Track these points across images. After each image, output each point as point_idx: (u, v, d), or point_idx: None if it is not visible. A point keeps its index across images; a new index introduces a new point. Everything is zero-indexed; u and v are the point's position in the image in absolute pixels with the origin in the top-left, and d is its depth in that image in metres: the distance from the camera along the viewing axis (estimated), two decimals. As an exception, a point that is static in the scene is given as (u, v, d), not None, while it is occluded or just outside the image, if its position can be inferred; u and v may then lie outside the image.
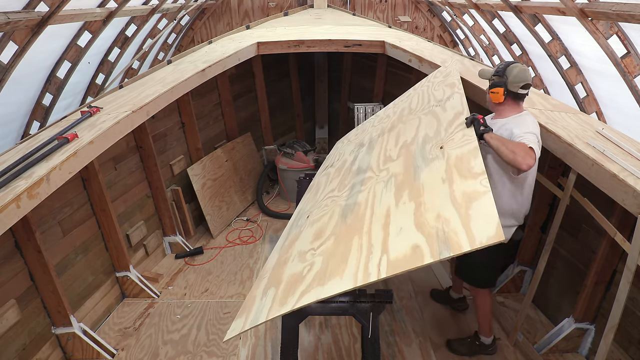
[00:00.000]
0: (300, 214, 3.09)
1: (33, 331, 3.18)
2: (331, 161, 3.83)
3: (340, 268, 2.03)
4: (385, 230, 2.11)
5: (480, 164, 2.17)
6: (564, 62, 6.24)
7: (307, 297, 1.98)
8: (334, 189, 3.01)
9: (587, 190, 3.12)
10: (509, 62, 2.98)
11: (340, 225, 2.42)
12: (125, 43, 8.26)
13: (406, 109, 3.54)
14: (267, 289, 2.33)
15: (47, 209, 3.40)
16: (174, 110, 5.20)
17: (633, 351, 2.93)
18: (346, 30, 6.26)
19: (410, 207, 2.18)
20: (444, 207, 2.02)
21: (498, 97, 2.95)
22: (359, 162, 3.13)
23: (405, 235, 1.99)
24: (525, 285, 4.07)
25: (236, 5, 12.15)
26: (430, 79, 3.86)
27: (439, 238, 1.85)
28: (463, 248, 1.74)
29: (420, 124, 3.00)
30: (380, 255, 1.95)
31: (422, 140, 2.75)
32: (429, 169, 2.40)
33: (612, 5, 4.35)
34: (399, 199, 2.30)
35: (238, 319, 2.27)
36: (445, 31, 12.19)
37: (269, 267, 2.63)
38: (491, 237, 1.70)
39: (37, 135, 3.59)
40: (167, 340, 3.67)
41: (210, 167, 5.63)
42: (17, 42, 4.93)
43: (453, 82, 3.36)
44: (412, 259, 1.83)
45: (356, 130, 4.28)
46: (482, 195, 1.95)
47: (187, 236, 5.14)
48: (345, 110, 7.58)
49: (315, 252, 2.30)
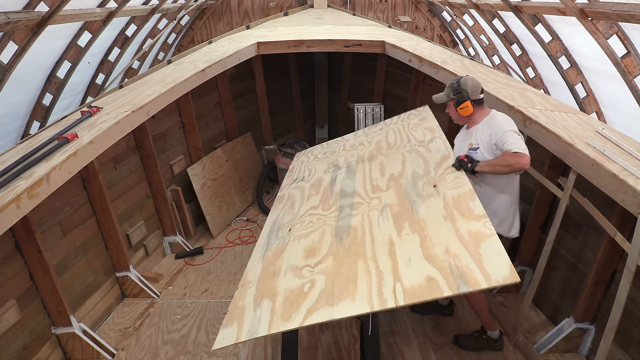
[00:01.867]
0: (278, 224, 3.14)
1: (33, 331, 3.18)
2: (300, 175, 3.90)
3: (350, 290, 2.13)
4: (393, 259, 2.23)
5: (479, 207, 2.34)
6: (564, 62, 6.24)
7: (316, 315, 2.07)
8: (316, 206, 3.13)
9: (587, 190, 3.12)
10: (457, 78, 3.21)
11: (336, 246, 2.53)
12: (125, 43, 8.26)
13: (383, 141, 3.74)
14: (260, 300, 2.36)
15: (47, 209, 3.40)
16: (174, 110, 5.20)
17: (633, 351, 2.93)
18: (346, 30, 6.27)
19: (414, 238, 2.31)
20: (451, 243, 2.15)
21: (468, 110, 3.15)
22: (341, 185, 3.28)
23: (417, 266, 2.10)
24: (525, 285, 4.06)
25: (236, 5, 12.16)
26: (404, 119, 4.05)
27: (454, 272, 1.97)
28: (480, 285, 1.86)
29: (405, 160, 3.20)
30: (393, 283, 2.06)
31: (412, 176, 2.94)
32: (426, 205, 2.56)
33: (612, 5, 4.35)
34: (400, 230, 2.43)
35: (228, 327, 2.25)
36: (445, 31, 12.20)
37: (252, 277, 2.63)
38: (507, 277, 1.84)
39: (37, 135, 3.59)
40: (167, 340, 3.67)
41: (210, 167, 5.63)
42: (17, 42, 4.93)
43: (432, 126, 3.59)
44: (429, 290, 1.94)
45: (322, 148, 4.38)
46: (489, 237, 2.10)
47: (187, 236, 5.14)
48: (345, 110, 7.58)
49: (314, 270, 2.39)
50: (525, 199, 4.12)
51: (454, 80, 3.20)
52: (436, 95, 3.31)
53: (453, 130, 4.66)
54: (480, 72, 4.58)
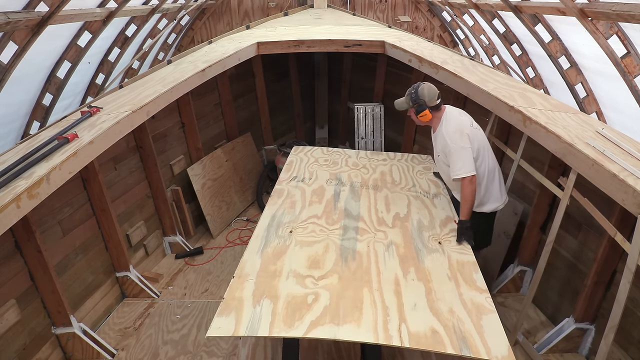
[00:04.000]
0: (277, 221, 3.22)
1: (33, 331, 3.18)
2: (300, 174, 4.00)
3: (355, 315, 2.27)
4: (399, 299, 2.38)
5: (482, 280, 2.55)
6: (564, 62, 6.24)
7: (321, 330, 2.18)
8: (319, 216, 3.27)
9: (587, 190, 3.12)
10: (415, 86, 3.41)
11: (341, 266, 2.68)
12: (125, 43, 8.26)
13: (387, 175, 4.01)
14: (259, 297, 2.41)
15: (47, 209, 3.40)
16: (174, 110, 5.20)
17: (633, 351, 2.93)
18: (346, 30, 6.27)
19: (419, 286, 2.48)
20: (455, 305, 2.33)
21: (427, 117, 3.39)
22: (345, 203, 3.47)
23: (422, 315, 2.26)
24: (525, 285, 4.06)
25: (236, 5, 12.15)
26: (407, 160, 4.37)
27: (457, 334, 2.13)
28: (481, 355, 2.02)
29: (410, 204, 3.47)
30: (399, 322, 2.21)
31: (417, 224, 3.18)
32: (431, 258, 2.76)
33: (612, 5, 4.34)
34: (407, 273, 2.60)
35: (224, 317, 2.28)
36: (445, 31, 12.19)
37: (250, 269, 2.67)
38: (505, 357, 2.02)
39: (37, 135, 3.59)
40: (167, 340, 3.67)
41: (210, 167, 5.62)
42: (17, 42, 4.93)
43: (436, 181, 3.88)
44: (434, 342, 2.09)
45: (323, 153, 4.52)
46: (490, 313, 2.29)
47: (187, 236, 5.14)
48: (345, 110, 7.58)
49: (317, 284, 2.52)
50: (526, 199, 4.12)
51: (412, 89, 3.39)
52: (398, 101, 3.49)
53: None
54: (480, 72, 4.58)
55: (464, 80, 4.19)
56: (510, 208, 4.07)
